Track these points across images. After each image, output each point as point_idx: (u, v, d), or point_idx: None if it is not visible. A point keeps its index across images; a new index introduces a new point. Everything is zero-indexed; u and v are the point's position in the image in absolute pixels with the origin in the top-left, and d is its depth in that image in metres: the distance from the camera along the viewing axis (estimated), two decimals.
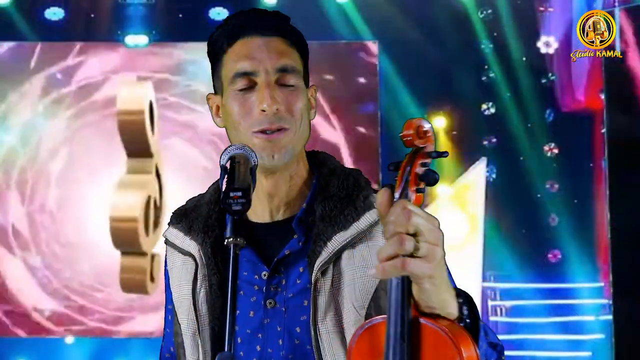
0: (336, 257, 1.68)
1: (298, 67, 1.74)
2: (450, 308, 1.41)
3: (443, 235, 1.36)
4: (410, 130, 1.39)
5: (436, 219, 1.36)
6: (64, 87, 6.81)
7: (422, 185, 1.39)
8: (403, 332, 1.38)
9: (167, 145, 6.84)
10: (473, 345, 1.39)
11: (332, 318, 1.67)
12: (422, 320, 1.39)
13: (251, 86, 1.72)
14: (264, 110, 1.69)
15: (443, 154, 1.41)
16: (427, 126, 1.41)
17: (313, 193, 1.77)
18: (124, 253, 6.76)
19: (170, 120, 6.83)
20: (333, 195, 1.73)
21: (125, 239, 6.73)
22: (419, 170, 1.39)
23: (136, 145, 6.78)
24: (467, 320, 1.43)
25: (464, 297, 1.44)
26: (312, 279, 1.67)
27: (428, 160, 1.41)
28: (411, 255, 1.32)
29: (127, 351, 6.75)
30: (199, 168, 6.72)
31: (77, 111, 6.80)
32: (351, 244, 1.68)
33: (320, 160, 1.82)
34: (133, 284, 6.75)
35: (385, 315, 1.41)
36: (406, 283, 1.38)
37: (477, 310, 1.47)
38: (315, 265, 1.67)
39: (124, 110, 6.78)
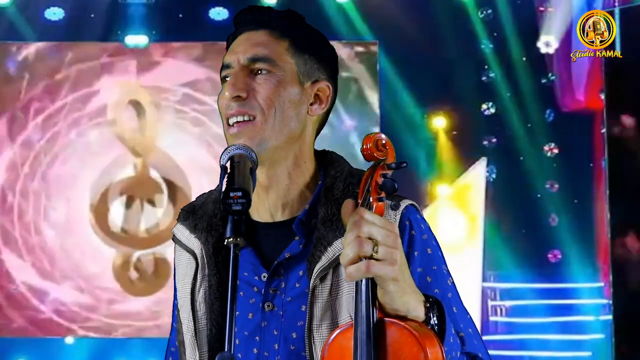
0: (337, 264, 1.63)
1: (277, 56, 1.71)
2: (416, 311, 1.48)
3: (400, 241, 1.45)
4: (369, 144, 1.49)
5: (393, 224, 1.46)
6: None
7: (382, 195, 1.49)
8: (369, 332, 1.44)
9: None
10: (439, 346, 1.46)
11: (327, 326, 1.63)
12: (387, 319, 1.46)
13: (228, 77, 1.74)
14: (224, 98, 1.71)
15: (402, 164, 1.50)
16: (385, 139, 1.51)
17: (317, 194, 1.72)
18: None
19: None
20: (337, 198, 1.68)
21: None
22: (379, 180, 1.49)
23: None
24: (434, 324, 1.49)
25: (432, 303, 1.51)
26: (310, 285, 1.64)
27: (388, 172, 1.50)
28: (372, 258, 1.41)
29: (127, 351, 6.74)
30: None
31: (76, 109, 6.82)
32: None
33: (328, 161, 1.77)
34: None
35: (352, 320, 1.48)
36: (371, 286, 1.45)
37: (447, 317, 1.52)
38: (314, 271, 1.63)
39: None
